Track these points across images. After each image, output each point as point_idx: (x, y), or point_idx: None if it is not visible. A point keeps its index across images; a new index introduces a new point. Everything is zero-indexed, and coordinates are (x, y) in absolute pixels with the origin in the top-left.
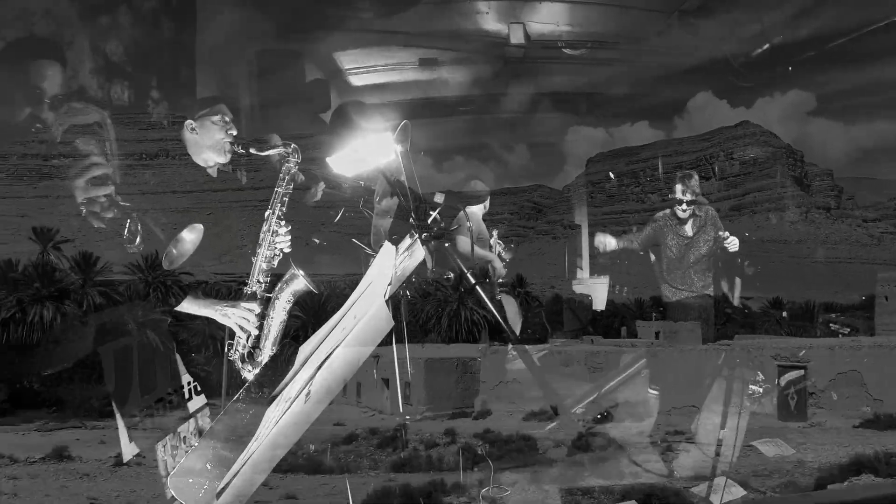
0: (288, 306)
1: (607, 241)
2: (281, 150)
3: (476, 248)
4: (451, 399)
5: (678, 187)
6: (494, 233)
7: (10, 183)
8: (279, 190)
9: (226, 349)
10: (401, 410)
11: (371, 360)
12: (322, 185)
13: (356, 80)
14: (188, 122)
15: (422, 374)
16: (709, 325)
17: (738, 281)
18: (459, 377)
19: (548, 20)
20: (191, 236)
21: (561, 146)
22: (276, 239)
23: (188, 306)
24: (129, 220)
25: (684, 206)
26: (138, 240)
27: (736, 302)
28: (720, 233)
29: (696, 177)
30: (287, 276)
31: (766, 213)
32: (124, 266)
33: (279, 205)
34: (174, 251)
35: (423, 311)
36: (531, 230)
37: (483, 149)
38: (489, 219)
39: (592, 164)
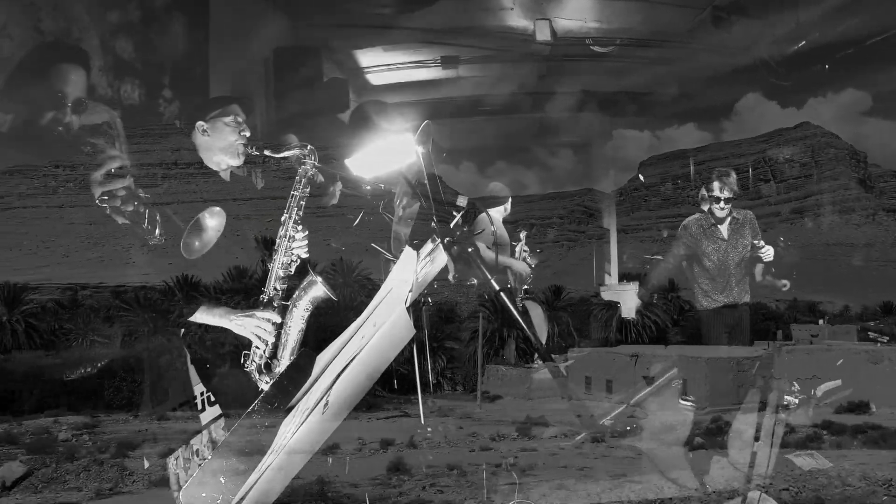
0: (306, 314)
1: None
2: (297, 151)
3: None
4: (728, 395)
5: (716, 184)
6: (522, 236)
7: (78, 192)
8: (295, 193)
9: (242, 360)
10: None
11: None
12: (339, 186)
13: (376, 79)
14: (199, 123)
15: (704, 371)
16: (744, 335)
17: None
18: (735, 375)
19: (575, 16)
20: (213, 222)
21: (606, 150)
22: (293, 244)
23: (202, 317)
24: (147, 211)
25: (722, 205)
26: (158, 231)
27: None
28: (755, 241)
29: (735, 175)
30: (305, 283)
31: (829, 217)
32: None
33: (295, 209)
34: (195, 241)
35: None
36: (582, 234)
37: (526, 153)
38: (510, 222)
39: (645, 167)
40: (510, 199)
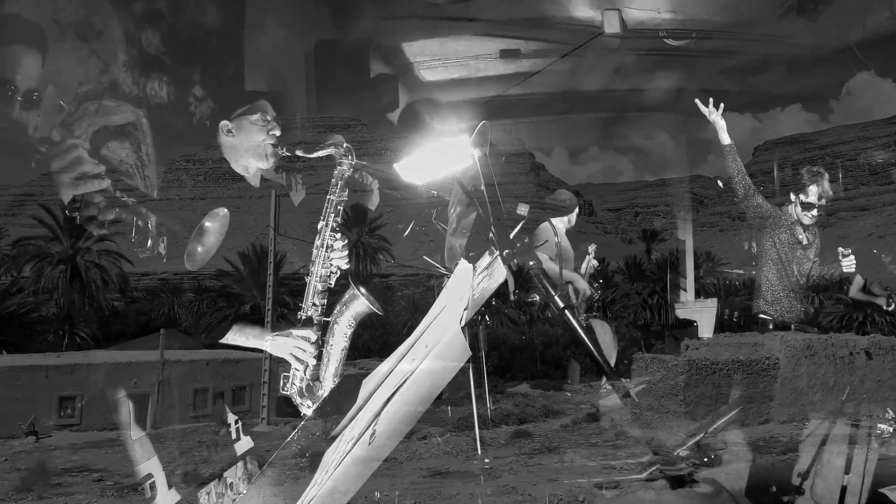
0: (349, 331)
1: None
2: (332, 150)
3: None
4: None
5: (812, 189)
6: (591, 249)
7: (208, 185)
8: (332, 197)
9: (280, 383)
10: None
11: None
12: (376, 185)
13: (428, 75)
14: (223, 123)
15: None
16: None
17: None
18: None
19: (647, 6)
20: (214, 225)
21: (705, 134)
22: (332, 255)
23: (235, 337)
24: (134, 219)
25: (814, 212)
26: (150, 242)
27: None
28: (840, 248)
29: (828, 177)
30: (346, 297)
31: None
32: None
33: (333, 215)
34: (198, 248)
35: None
36: (692, 223)
37: (620, 139)
38: (577, 232)
39: (760, 152)
40: (577, 209)
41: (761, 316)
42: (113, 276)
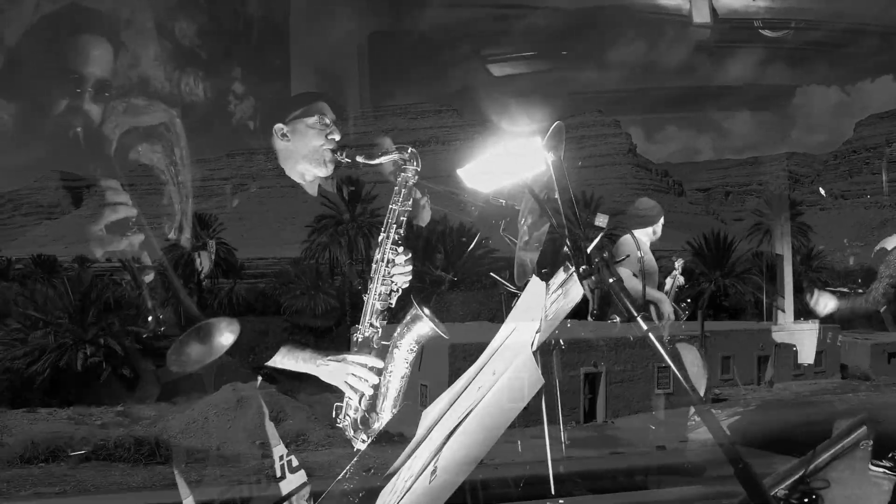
0: (410, 357)
1: (827, 303)
2: (396, 156)
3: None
4: None
5: None
6: (678, 265)
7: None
8: (394, 207)
9: (333, 413)
10: None
11: None
12: (426, 201)
13: (495, 69)
14: (277, 126)
15: None
16: None
17: None
18: None
19: None
20: (221, 338)
21: (788, 109)
22: (393, 270)
23: (283, 360)
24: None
25: None
26: (150, 320)
27: None
28: None
29: None
30: (408, 318)
31: None
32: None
33: (395, 226)
34: (185, 353)
35: None
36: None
37: (698, 116)
38: (659, 249)
39: (862, 127)
40: (662, 218)
41: None
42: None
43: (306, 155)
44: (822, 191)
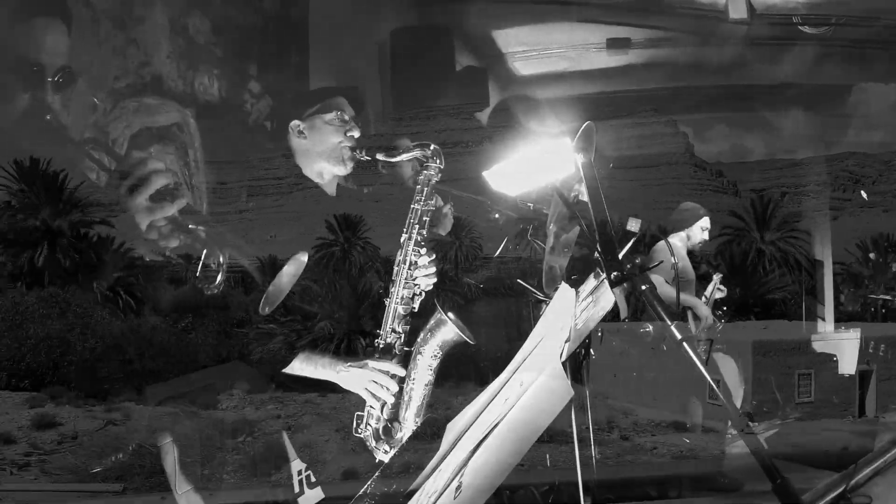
0: (434, 364)
1: None
2: (418, 153)
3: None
4: None
5: None
6: (716, 278)
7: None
8: (416, 207)
9: (354, 423)
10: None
11: None
12: (450, 207)
13: (522, 68)
14: (294, 123)
15: None
16: None
17: None
18: None
19: None
20: (290, 269)
21: (843, 108)
22: (416, 273)
23: (301, 367)
24: (204, 253)
25: None
26: (220, 278)
27: None
28: None
29: None
30: (432, 324)
31: None
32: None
33: (417, 226)
34: (272, 290)
35: None
36: (847, 202)
37: (748, 114)
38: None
39: None
40: (701, 221)
41: None
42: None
43: (324, 152)
44: (863, 194)
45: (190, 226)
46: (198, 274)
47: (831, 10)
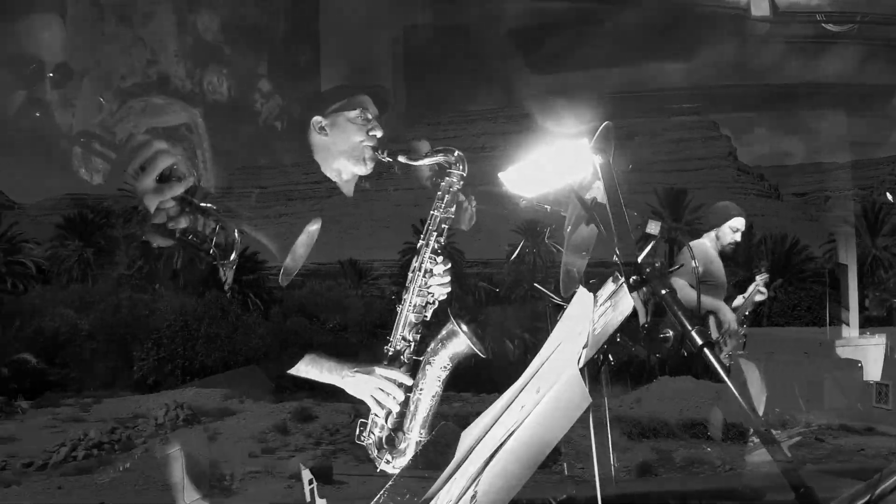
0: (444, 375)
1: None
2: (441, 158)
3: (702, 296)
4: None
5: None
6: (759, 279)
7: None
8: (436, 213)
9: (357, 431)
10: None
11: None
12: (473, 204)
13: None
14: (316, 119)
15: None
16: None
17: None
18: None
19: None
20: (304, 238)
21: (887, 110)
22: (431, 281)
23: (306, 369)
24: (218, 229)
25: None
26: (234, 256)
27: None
28: None
29: None
30: (443, 333)
31: None
32: None
33: (435, 234)
34: (290, 262)
35: None
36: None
37: (789, 118)
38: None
39: None
40: (731, 222)
41: None
42: None
43: (345, 151)
44: (889, 196)
45: (199, 203)
46: (211, 251)
47: (857, 7)
